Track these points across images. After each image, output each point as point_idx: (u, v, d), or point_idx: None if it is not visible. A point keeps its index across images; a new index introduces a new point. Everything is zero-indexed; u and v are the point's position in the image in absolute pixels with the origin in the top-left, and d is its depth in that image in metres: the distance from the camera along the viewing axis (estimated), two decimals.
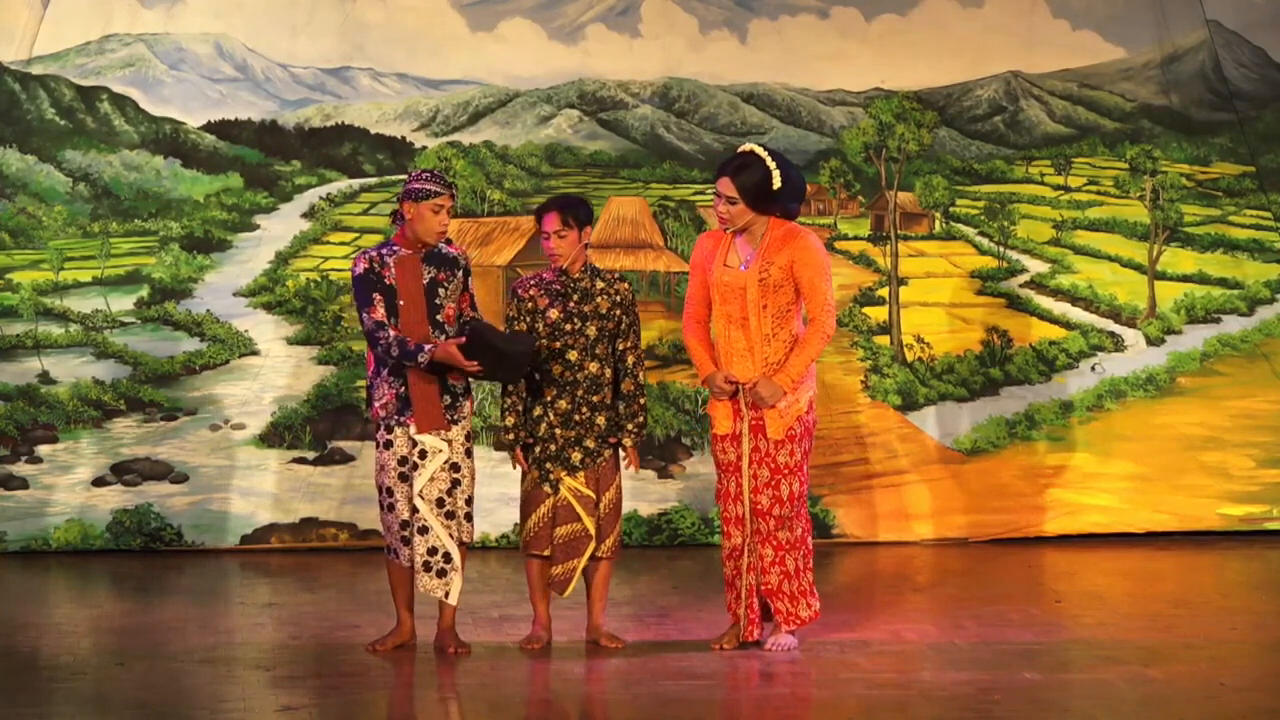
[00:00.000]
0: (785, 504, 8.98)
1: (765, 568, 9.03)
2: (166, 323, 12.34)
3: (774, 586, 9.04)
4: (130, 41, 12.40)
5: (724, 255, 9.04)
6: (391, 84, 12.60)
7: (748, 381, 8.99)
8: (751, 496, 9.02)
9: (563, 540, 9.11)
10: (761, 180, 8.88)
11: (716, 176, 9.02)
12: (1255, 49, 12.86)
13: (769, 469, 8.98)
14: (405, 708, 8.39)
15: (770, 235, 8.96)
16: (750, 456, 9.02)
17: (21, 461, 12.16)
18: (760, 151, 8.94)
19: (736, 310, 8.96)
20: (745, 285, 8.93)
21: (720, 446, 9.11)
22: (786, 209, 9.00)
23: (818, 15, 12.70)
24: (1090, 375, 12.68)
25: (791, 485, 8.98)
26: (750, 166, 8.91)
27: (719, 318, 9.05)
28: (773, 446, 8.97)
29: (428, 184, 8.92)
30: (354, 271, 8.94)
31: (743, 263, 8.98)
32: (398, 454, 8.93)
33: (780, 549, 9.02)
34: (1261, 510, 12.59)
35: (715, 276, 9.02)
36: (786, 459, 8.96)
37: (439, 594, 8.95)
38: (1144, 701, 8.12)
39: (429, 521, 8.91)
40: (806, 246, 8.94)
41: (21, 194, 12.30)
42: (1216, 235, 12.81)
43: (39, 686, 8.53)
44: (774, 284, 8.92)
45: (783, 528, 9.00)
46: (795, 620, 9.07)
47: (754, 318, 8.93)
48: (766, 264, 8.92)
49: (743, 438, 9.04)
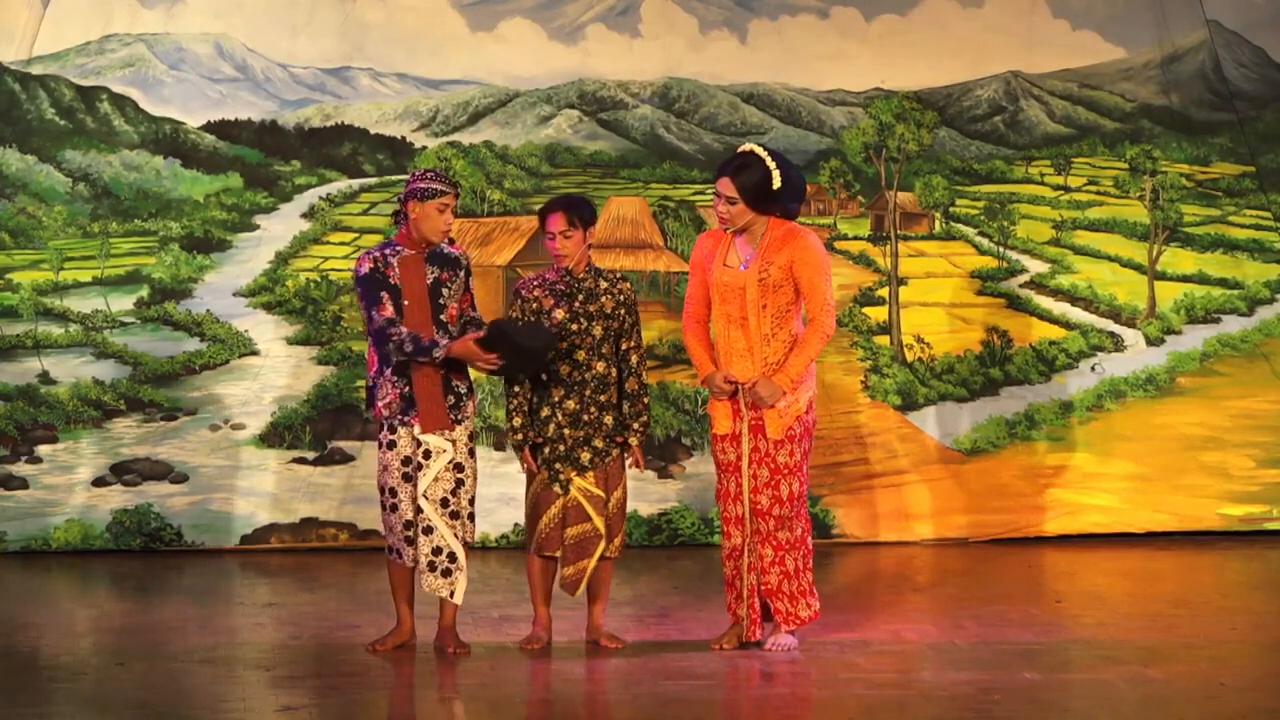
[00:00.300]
0: (785, 504, 8.98)
1: (765, 568, 9.03)
2: (166, 323, 12.34)
3: (774, 586, 9.04)
4: (130, 41, 12.40)
5: (724, 255, 9.04)
6: (391, 84, 12.60)
7: (747, 381, 8.99)
8: (751, 496, 9.02)
9: (573, 541, 9.11)
10: (761, 180, 8.89)
11: (716, 176, 9.03)
12: (1255, 49, 12.86)
13: (769, 469, 8.98)
14: (405, 708, 8.39)
15: (770, 235, 8.96)
16: (750, 456, 9.02)
17: (21, 461, 12.16)
18: (760, 151, 8.95)
19: (736, 310, 8.96)
20: (745, 285, 8.93)
21: (720, 446, 9.11)
22: (786, 209, 9.01)
23: (818, 15, 12.70)
24: (1090, 375, 12.68)
25: (791, 485, 8.98)
26: (750, 166, 8.91)
27: (719, 317, 9.05)
28: (772, 446, 8.97)
29: (433, 183, 8.92)
30: (359, 272, 8.93)
31: (742, 263, 8.98)
32: (401, 454, 8.92)
33: (780, 549, 9.02)
34: (1261, 510, 12.59)
35: (715, 276, 9.02)
36: (786, 459, 8.96)
37: (444, 593, 8.95)
38: (1144, 701, 8.12)
39: (434, 522, 8.91)
40: (806, 246, 8.94)
41: (21, 194, 12.31)
42: (1216, 235, 12.81)
43: (39, 686, 8.53)
44: (774, 284, 8.92)
45: (782, 528, 9.00)
46: (795, 620, 9.07)
47: (753, 317, 8.93)
48: (766, 264, 8.92)
49: (742, 438, 9.04)
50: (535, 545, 9.15)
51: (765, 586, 9.05)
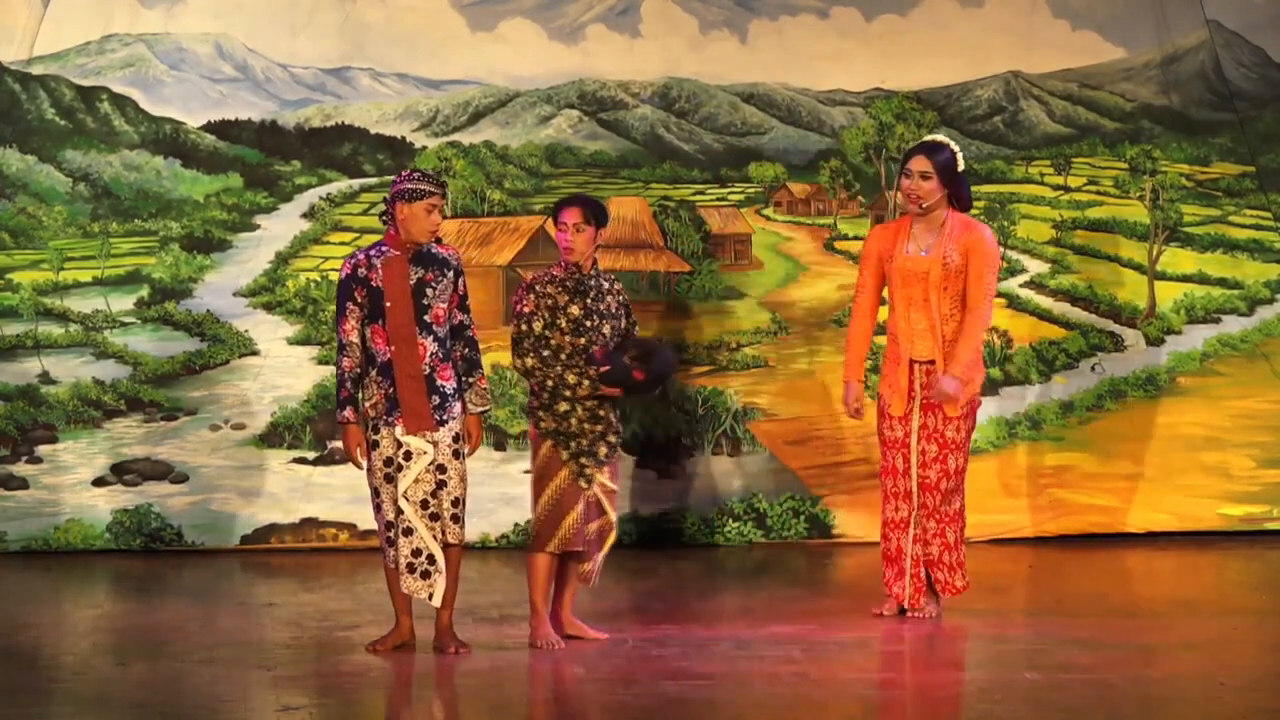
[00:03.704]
0: (950, 478, 9.71)
1: (929, 539, 9.75)
2: (166, 323, 12.34)
3: (935, 557, 9.76)
4: (130, 41, 12.40)
5: (903, 244, 9.72)
6: (391, 84, 12.60)
7: (926, 359, 9.67)
8: (920, 471, 9.71)
9: (594, 535, 9.19)
10: (950, 159, 9.69)
11: (908, 158, 9.68)
12: (1255, 49, 12.86)
13: (937, 445, 9.70)
14: (405, 708, 8.39)
15: (951, 223, 9.69)
16: (919, 434, 9.72)
17: (21, 461, 12.17)
18: (944, 138, 9.82)
19: (918, 293, 9.67)
20: (928, 269, 9.64)
21: (888, 424, 9.78)
22: (962, 196, 9.75)
23: (818, 15, 12.70)
24: (1090, 375, 12.68)
25: (957, 460, 9.71)
26: (942, 148, 9.71)
27: (899, 302, 9.76)
28: (940, 422, 9.68)
29: (419, 184, 8.91)
30: (340, 276, 8.98)
31: (923, 249, 9.69)
32: (383, 455, 8.93)
33: (943, 521, 9.75)
34: (1261, 510, 12.59)
35: (897, 264, 9.71)
36: (954, 435, 9.70)
37: (422, 595, 8.93)
38: (1144, 701, 8.12)
39: (413, 523, 8.90)
40: (983, 238, 9.70)
41: (21, 194, 12.31)
42: (1216, 235, 12.81)
43: (39, 686, 8.53)
44: (955, 269, 9.63)
45: (946, 501, 9.72)
46: (952, 589, 9.79)
47: (935, 296, 9.64)
48: (949, 249, 9.64)
49: (912, 416, 9.71)
50: (558, 543, 9.13)
51: (928, 557, 9.76)
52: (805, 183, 12.72)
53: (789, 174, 12.71)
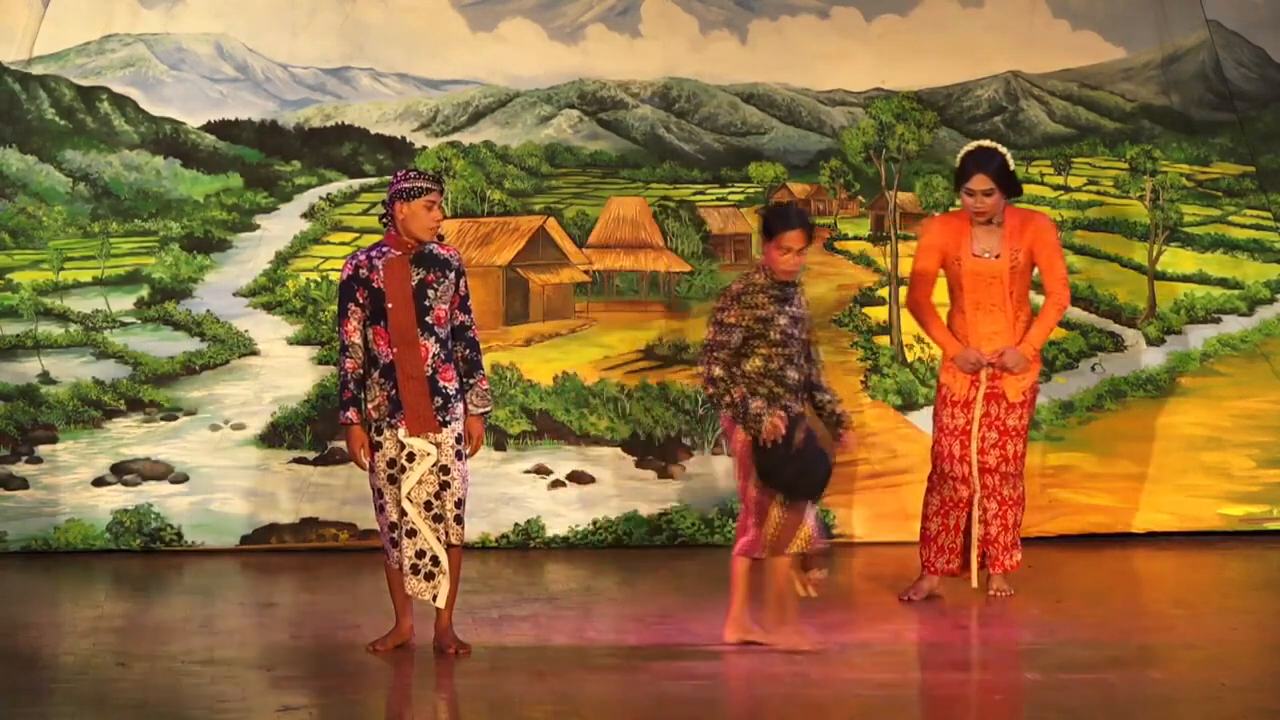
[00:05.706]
0: (1011, 462, 10.14)
1: (989, 520, 10.17)
2: (166, 323, 12.34)
3: (993, 536, 10.20)
4: (130, 41, 12.40)
5: (968, 245, 9.87)
6: (391, 84, 12.60)
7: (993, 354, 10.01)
8: (980, 457, 10.10)
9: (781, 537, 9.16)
10: (1004, 165, 9.97)
11: (967, 177, 9.93)
12: (1255, 49, 12.86)
13: (997, 431, 10.11)
14: (405, 708, 8.39)
15: (1009, 222, 10.01)
16: (980, 421, 10.09)
17: (21, 461, 12.16)
18: (988, 143, 10.07)
19: (992, 297, 10.03)
20: (1000, 274, 9.97)
21: (950, 411, 10.13)
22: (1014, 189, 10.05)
23: (818, 15, 12.70)
24: (1090, 375, 12.68)
25: (1017, 445, 10.14)
26: (994, 157, 9.96)
27: (968, 305, 10.06)
28: (1003, 410, 10.06)
29: (416, 181, 8.92)
30: (341, 276, 8.98)
31: (987, 252, 10.01)
32: (386, 456, 8.93)
33: (1004, 504, 10.19)
34: (1262, 510, 12.59)
35: (966, 266, 9.99)
36: (1015, 422, 10.12)
37: (426, 597, 8.93)
38: (1144, 702, 8.12)
39: (416, 524, 8.89)
40: (1044, 227, 10.06)
41: (21, 194, 12.31)
42: (1216, 235, 12.81)
43: (39, 686, 8.53)
44: (1021, 269, 10.00)
45: (1006, 484, 10.15)
46: (1006, 565, 10.26)
47: (1010, 303, 10.00)
48: (1015, 251, 9.97)
49: (975, 403, 10.08)
50: (770, 547, 9.07)
51: (986, 536, 10.18)
52: (805, 183, 12.72)
53: (789, 174, 12.70)
